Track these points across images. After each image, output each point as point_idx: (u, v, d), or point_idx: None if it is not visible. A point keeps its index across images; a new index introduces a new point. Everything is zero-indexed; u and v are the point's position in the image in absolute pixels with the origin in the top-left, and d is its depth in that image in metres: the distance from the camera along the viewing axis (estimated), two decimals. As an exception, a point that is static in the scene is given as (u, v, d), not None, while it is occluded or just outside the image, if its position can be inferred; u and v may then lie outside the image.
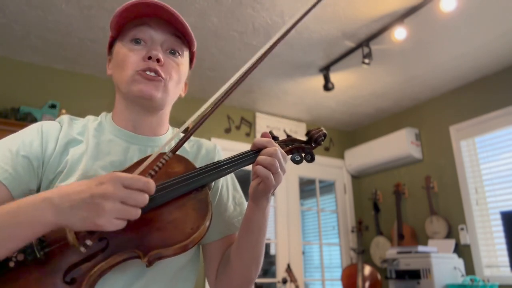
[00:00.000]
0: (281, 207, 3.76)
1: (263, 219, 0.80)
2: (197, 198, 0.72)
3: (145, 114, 0.86)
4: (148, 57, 0.81)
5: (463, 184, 3.23)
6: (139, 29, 0.84)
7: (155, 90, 0.82)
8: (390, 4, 2.36)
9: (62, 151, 0.80)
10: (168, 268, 0.78)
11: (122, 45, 0.85)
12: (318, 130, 0.84)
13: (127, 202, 0.59)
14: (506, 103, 3.05)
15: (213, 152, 0.95)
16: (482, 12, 2.42)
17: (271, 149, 0.75)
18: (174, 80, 0.85)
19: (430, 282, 2.75)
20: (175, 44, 0.86)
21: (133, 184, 0.60)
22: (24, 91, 2.87)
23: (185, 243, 0.67)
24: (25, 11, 2.38)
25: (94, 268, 0.65)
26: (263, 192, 0.75)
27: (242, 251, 0.82)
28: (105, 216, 0.57)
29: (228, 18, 2.47)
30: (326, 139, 4.53)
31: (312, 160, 0.83)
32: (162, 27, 0.84)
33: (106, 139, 0.85)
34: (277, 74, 3.18)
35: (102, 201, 0.57)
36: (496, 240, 3.01)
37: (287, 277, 3.34)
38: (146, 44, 0.84)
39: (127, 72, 0.82)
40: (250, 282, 0.86)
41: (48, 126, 0.83)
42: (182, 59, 0.88)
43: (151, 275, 0.75)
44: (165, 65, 0.83)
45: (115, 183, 0.58)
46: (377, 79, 3.28)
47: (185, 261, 0.83)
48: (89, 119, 0.89)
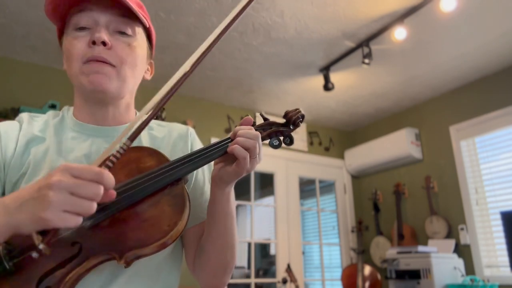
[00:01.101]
0: (281, 207, 3.76)
1: (227, 203, 0.76)
2: (172, 194, 0.69)
3: (104, 105, 0.80)
4: (92, 41, 0.74)
5: (463, 184, 3.23)
6: (80, 15, 0.76)
7: (107, 80, 0.75)
8: (390, 4, 2.36)
9: (23, 151, 0.75)
10: (151, 261, 0.74)
11: (67, 35, 0.78)
12: (296, 111, 0.79)
13: (77, 193, 0.52)
14: (506, 103, 3.05)
15: (185, 135, 0.88)
16: (482, 12, 2.42)
17: (253, 132, 0.70)
18: (128, 64, 0.77)
19: (430, 282, 2.75)
20: (123, 24, 0.78)
21: (83, 174, 0.53)
22: (24, 91, 2.87)
23: (162, 241, 0.64)
24: (25, 11, 2.38)
25: (69, 274, 0.61)
26: (233, 176, 0.71)
27: (213, 239, 0.79)
28: (51, 208, 0.51)
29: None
30: (326, 139, 4.51)
31: (291, 143, 0.80)
32: (105, 8, 0.76)
33: (68, 136, 0.80)
34: (277, 74, 3.18)
35: (48, 191, 0.51)
36: (496, 240, 3.01)
37: (287, 277, 3.34)
38: (90, 30, 0.76)
39: (74, 64, 0.76)
40: (227, 267, 0.82)
41: (6, 127, 0.78)
42: (134, 38, 0.79)
43: (133, 271, 0.72)
44: (114, 48, 0.75)
45: (64, 172, 0.53)
46: (377, 79, 3.28)
47: (169, 251, 0.80)
48: (50, 115, 0.84)
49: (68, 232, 0.63)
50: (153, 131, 0.87)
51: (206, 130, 3.49)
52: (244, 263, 4.58)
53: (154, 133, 0.87)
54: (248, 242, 3.63)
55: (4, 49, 2.79)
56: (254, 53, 2.87)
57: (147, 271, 0.75)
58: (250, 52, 2.85)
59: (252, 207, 3.70)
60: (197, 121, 3.43)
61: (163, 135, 0.87)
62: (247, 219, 4.23)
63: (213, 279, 0.84)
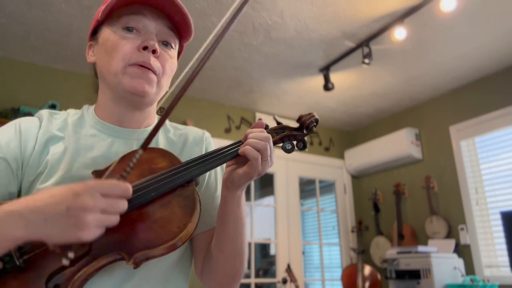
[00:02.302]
0: (281, 207, 3.76)
1: (238, 209, 0.75)
2: (183, 195, 0.69)
3: (133, 109, 0.81)
4: (144, 47, 0.75)
5: (463, 184, 3.23)
6: (132, 17, 0.77)
7: (149, 86, 0.76)
8: (390, 4, 2.36)
9: (42, 150, 0.75)
10: (159, 265, 0.74)
11: (112, 31, 0.77)
12: (309, 115, 0.78)
13: (107, 211, 0.55)
14: (506, 103, 3.05)
15: (201, 140, 0.89)
16: (482, 12, 2.42)
17: (263, 135, 0.70)
18: (167, 74, 0.80)
19: (430, 282, 2.75)
20: (169, 36, 0.81)
21: (111, 192, 0.56)
22: (24, 91, 2.87)
23: (172, 242, 0.64)
24: (25, 11, 2.38)
25: (78, 273, 0.61)
26: (244, 178, 0.70)
27: (221, 245, 0.78)
28: (87, 228, 0.54)
29: (228, 18, 2.47)
30: (326, 139, 4.51)
31: (304, 148, 0.79)
32: (156, 17, 0.79)
33: (88, 133, 0.79)
34: (277, 74, 3.18)
35: (83, 214, 0.53)
36: (496, 240, 3.01)
37: (287, 277, 3.34)
38: (139, 33, 0.77)
39: (117, 62, 0.75)
40: (236, 275, 0.81)
41: (26, 124, 0.77)
42: (174, 52, 0.83)
43: (142, 274, 0.72)
44: (159, 57, 0.78)
45: (93, 193, 0.54)
46: (377, 79, 3.28)
47: (178, 256, 0.79)
48: (70, 113, 0.84)
49: None
50: (170, 134, 0.88)
51: (206, 130, 3.48)
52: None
53: (171, 136, 0.87)
54: (248, 242, 3.62)
55: (4, 49, 2.79)
56: (254, 53, 2.86)
57: (156, 276, 0.74)
58: (250, 52, 2.85)
59: (252, 207, 3.70)
60: (197, 121, 3.43)
61: (179, 139, 0.87)
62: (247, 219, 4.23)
63: (221, 286, 0.82)
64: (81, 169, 0.74)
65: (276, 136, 0.77)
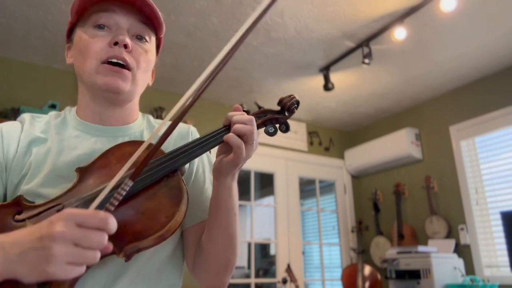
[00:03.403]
0: (281, 207, 3.76)
1: (229, 198, 0.74)
2: (168, 185, 0.69)
3: (112, 106, 0.80)
4: (114, 42, 0.75)
5: (463, 184, 3.23)
6: (102, 14, 0.77)
7: (123, 82, 0.76)
8: (390, 4, 2.36)
9: (25, 152, 0.75)
10: (153, 260, 0.74)
11: (83, 31, 0.78)
12: (290, 97, 0.78)
13: (81, 244, 0.50)
14: (506, 103, 3.05)
15: (186, 134, 0.89)
16: (482, 12, 2.42)
17: (246, 117, 0.70)
18: (142, 69, 0.80)
19: (430, 282, 2.75)
20: (142, 30, 0.80)
21: (87, 221, 0.50)
22: (24, 91, 2.87)
23: (161, 232, 0.64)
24: (25, 11, 2.38)
25: None
26: (230, 165, 0.69)
27: (212, 234, 0.77)
28: (55, 262, 0.48)
29: (228, 18, 2.47)
30: (326, 139, 4.50)
31: (287, 130, 0.79)
32: (127, 12, 0.78)
33: (71, 135, 0.79)
34: (277, 74, 3.18)
35: (51, 243, 0.48)
36: (496, 240, 3.01)
37: (287, 277, 3.34)
38: (110, 30, 0.77)
39: (90, 61, 0.75)
40: (228, 265, 0.80)
41: (8, 127, 0.78)
42: (149, 45, 0.82)
43: (135, 270, 0.72)
44: (132, 51, 0.77)
45: (67, 221, 0.50)
46: (377, 79, 3.28)
47: (171, 251, 0.79)
48: (51, 115, 0.84)
49: None
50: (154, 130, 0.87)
51: (206, 130, 3.46)
52: (244, 263, 4.58)
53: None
54: (248, 242, 3.63)
55: (4, 49, 2.79)
56: (254, 53, 2.87)
57: (149, 271, 0.74)
58: (250, 52, 2.85)
59: (252, 207, 3.70)
60: (197, 121, 3.41)
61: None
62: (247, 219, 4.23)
63: (213, 278, 0.82)
64: (65, 168, 0.73)
65: (259, 120, 0.77)
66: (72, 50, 0.83)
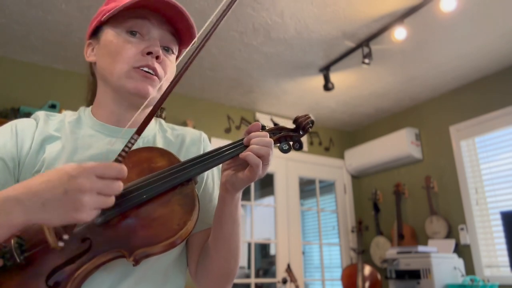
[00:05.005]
0: (281, 207, 3.76)
1: (236, 210, 0.76)
2: (182, 193, 0.70)
3: (134, 110, 0.81)
4: (148, 52, 0.78)
5: (463, 184, 3.23)
6: (137, 21, 0.79)
7: (152, 88, 0.79)
8: (390, 4, 2.36)
9: (38, 149, 0.76)
10: (158, 263, 0.75)
11: (116, 33, 0.79)
12: (305, 117, 0.80)
13: (103, 193, 0.57)
14: (506, 103, 3.05)
15: (198, 141, 0.90)
16: (482, 12, 2.42)
17: (267, 139, 0.71)
18: (168, 78, 0.83)
19: (430, 282, 2.75)
20: (171, 42, 0.84)
21: (106, 173, 0.57)
22: (24, 91, 2.87)
23: (172, 240, 0.65)
24: (25, 11, 2.38)
25: (78, 270, 0.62)
26: (246, 182, 0.71)
27: (217, 244, 0.79)
28: (83, 210, 0.55)
29: (228, 18, 2.46)
30: (326, 139, 4.50)
31: (300, 148, 0.80)
32: (160, 22, 0.81)
33: (86, 134, 0.80)
34: (277, 74, 3.18)
35: (80, 195, 0.55)
36: (496, 240, 3.01)
37: (287, 277, 3.34)
38: (142, 38, 0.80)
39: (121, 65, 0.77)
40: (230, 275, 0.82)
41: (23, 124, 0.79)
42: (174, 57, 0.86)
43: (141, 272, 0.73)
44: (162, 62, 0.81)
45: (89, 175, 0.56)
46: (377, 79, 3.28)
47: (176, 254, 0.80)
48: (66, 115, 0.85)
49: (79, 228, 0.64)
50: (167, 134, 0.89)
51: (206, 130, 3.48)
52: (244, 263, 4.57)
53: (168, 136, 0.88)
54: (248, 242, 3.63)
55: (4, 49, 2.79)
56: (254, 53, 2.87)
57: (155, 274, 0.75)
58: (250, 52, 2.85)
59: (252, 207, 3.70)
60: (197, 121, 3.43)
61: (177, 139, 0.89)
62: (247, 219, 4.23)
63: (214, 287, 0.84)
64: None
65: (273, 137, 0.79)
66: (96, 49, 0.84)
